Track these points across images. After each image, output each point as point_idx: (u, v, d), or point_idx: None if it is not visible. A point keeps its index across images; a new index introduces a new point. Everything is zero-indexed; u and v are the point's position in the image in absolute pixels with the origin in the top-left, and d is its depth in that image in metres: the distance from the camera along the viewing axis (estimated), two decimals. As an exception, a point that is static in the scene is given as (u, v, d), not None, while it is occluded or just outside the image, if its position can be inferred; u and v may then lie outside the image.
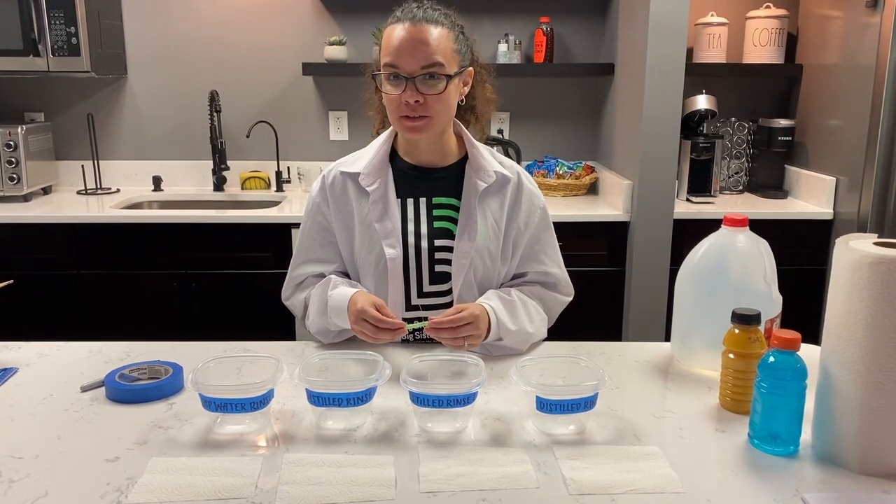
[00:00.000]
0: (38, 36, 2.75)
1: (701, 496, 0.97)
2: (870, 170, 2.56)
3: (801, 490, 0.98)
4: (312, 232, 1.56)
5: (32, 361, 1.40)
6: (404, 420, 1.17)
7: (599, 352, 1.47)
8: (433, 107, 1.40)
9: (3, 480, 0.99)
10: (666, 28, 2.56)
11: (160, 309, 2.76)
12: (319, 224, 1.55)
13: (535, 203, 1.57)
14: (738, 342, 1.19)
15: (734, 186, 3.23)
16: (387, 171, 1.51)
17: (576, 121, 3.32)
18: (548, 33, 3.09)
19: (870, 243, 1.02)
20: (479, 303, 1.41)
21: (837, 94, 2.80)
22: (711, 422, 1.18)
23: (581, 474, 1.02)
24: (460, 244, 1.48)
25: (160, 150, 3.27)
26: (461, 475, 1.01)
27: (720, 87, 3.10)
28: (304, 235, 1.57)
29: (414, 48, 1.37)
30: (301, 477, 1.00)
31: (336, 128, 3.27)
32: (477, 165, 1.51)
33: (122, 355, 1.43)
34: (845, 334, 1.02)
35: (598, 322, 2.82)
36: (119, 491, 0.97)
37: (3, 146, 2.85)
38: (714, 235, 1.37)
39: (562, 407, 1.11)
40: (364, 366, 1.22)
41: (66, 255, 2.72)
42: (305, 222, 1.57)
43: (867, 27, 2.58)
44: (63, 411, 1.20)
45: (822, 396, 1.07)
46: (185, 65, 3.20)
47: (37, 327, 2.72)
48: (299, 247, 1.58)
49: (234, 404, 1.11)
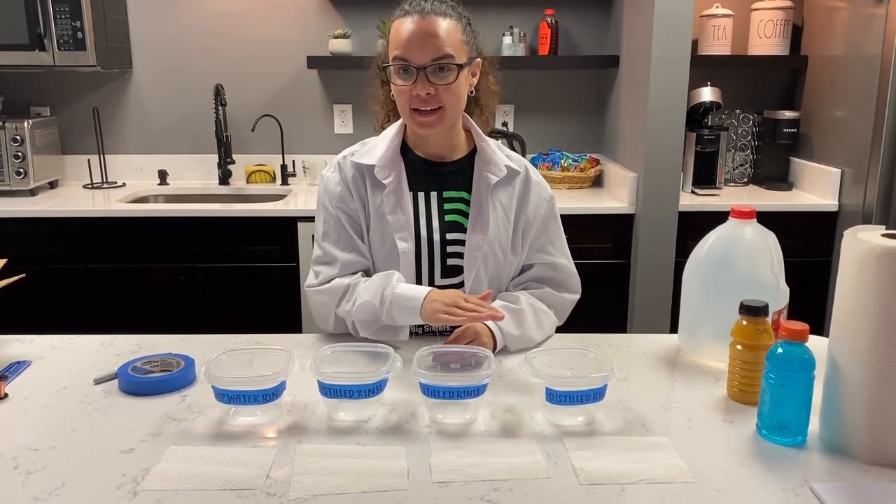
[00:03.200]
0: (44, 30, 2.76)
1: (710, 486, 0.98)
2: (875, 161, 2.56)
3: (810, 480, 0.99)
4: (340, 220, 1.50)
5: (45, 354, 1.41)
6: (415, 411, 1.18)
7: (607, 344, 1.48)
8: (445, 98, 1.41)
9: (21, 472, 1.00)
10: (671, 20, 2.56)
11: (167, 302, 2.77)
12: (345, 213, 1.50)
13: (543, 195, 1.58)
14: (746, 333, 1.19)
15: (739, 178, 3.23)
16: (400, 164, 1.51)
17: (580, 113, 3.32)
18: (552, 25, 3.09)
19: (878, 235, 1.03)
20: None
21: (843, 85, 2.80)
22: (719, 413, 1.19)
23: (591, 465, 1.03)
24: (472, 237, 1.49)
25: (166, 144, 3.28)
26: (472, 465, 1.02)
27: (725, 78, 3.09)
28: (328, 223, 1.51)
29: (424, 40, 1.38)
30: (314, 467, 1.01)
31: (341, 121, 3.28)
32: (487, 159, 1.52)
33: (133, 348, 1.44)
34: (853, 325, 1.02)
35: (604, 314, 2.83)
36: (135, 482, 0.98)
37: (9, 140, 2.86)
38: (721, 227, 1.38)
39: (571, 398, 1.12)
40: (375, 358, 1.23)
41: (72, 249, 2.73)
42: (328, 210, 1.51)
43: (873, 18, 2.57)
44: (77, 404, 1.21)
45: (830, 387, 1.08)
46: (190, 59, 3.21)
47: (45, 321, 2.73)
48: (325, 236, 1.51)
49: (247, 396, 1.12)
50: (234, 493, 0.96)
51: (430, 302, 1.36)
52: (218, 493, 0.96)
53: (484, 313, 1.31)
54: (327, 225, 1.52)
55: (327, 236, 1.52)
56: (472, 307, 1.32)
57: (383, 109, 1.60)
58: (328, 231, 1.52)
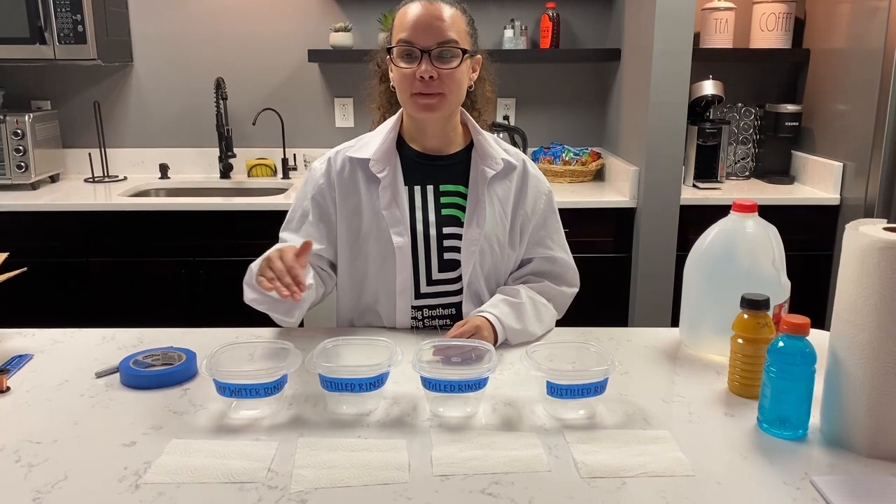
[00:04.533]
0: (45, 24, 2.75)
1: (710, 479, 0.98)
2: (877, 155, 2.56)
3: (810, 473, 0.99)
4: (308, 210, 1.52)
5: (46, 348, 1.41)
6: (416, 405, 1.18)
7: (608, 337, 1.48)
8: (447, 84, 1.41)
9: (23, 465, 1.01)
10: (673, 13, 2.55)
11: (168, 296, 2.78)
12: (318, 204, 1.52)
13: (541, 189, 1.58)
14: (748, 327, 1.19)
15: (741, 172, 3.23)
16: (395, 158, 1.51)
17: (582, 107, 3.32)
18: (554, 19, 3.08)
19: (879, 228, 1.03)
20: (481, 314, 1.42)
21: (845, 79, 2.79)
22: (720, 406, 1.19)
23: (592, 458, 1.03)
24: (469, 231, 1.49)
25: (166, 138, 3.28)
26: (473, 459, 1.02)
27: (727, 72, 3.09)
28: (296, 210, 1.54)
29: (430, 24, 1.39)
30: (315, 461, 1.02)
31: (342, 115, 3.27)
32: (483, 152, 1.52)
33: (134, 341, 1.44)
34: (854, 319, 1.02)
35: (605, 308, 2.83)
36: (137, 475, 0.98)
37: (10, 134, 2.86)
38: (723, 221, 1.38)
39: (572, 392, 1.12)
40: (376, 351, 1.23)
41: (74, 242, 2.73)
42: (302, 200, 1.54)
43: (875, 11, 2.56)
44: (79, 397, 1.21)
45: (831, 381, 1.08)
46: (191, 52, 3.20)
47: (46, 315, 2.73)
48: (287, 224, 1.55)
49: (249, 389, 1.12)
50: (235, 486, 0.96)
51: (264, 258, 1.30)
52: (219, 486, 0.96)
53: (282, 290, 1.22)
54: (293, 214, 1.55)
55: (290, 224, 1.55)
56: (279, 272, 1.23)
57: (379, 110, 1.61)
58: (292, 220, 1.55)
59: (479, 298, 1.52)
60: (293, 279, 1.24)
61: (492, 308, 1.43)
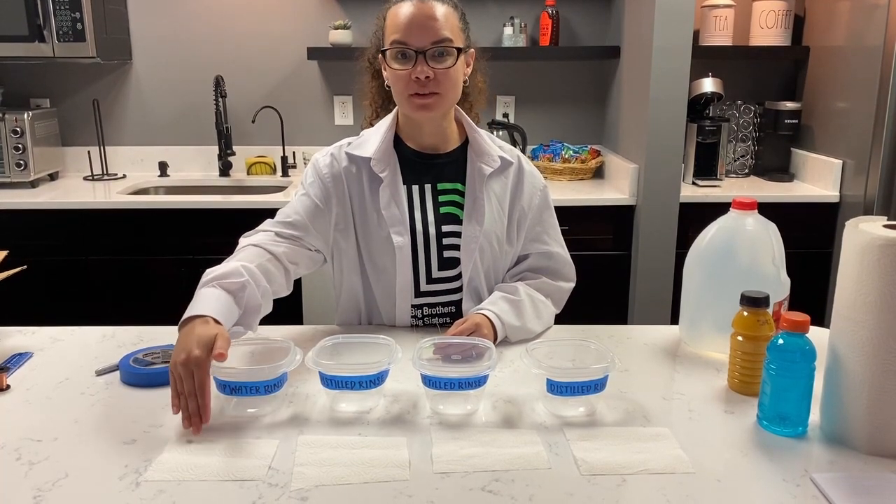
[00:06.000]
0: (44, 22, 2.75)
1: (710, 476, 0.98)
2: (877, 152, 2.56)
3: (810, 470, 0.99)
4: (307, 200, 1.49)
5: (47, 346, 1.41)
6: (416, 402, 1.18)
7: (608, 335, 1.48)
8: (443, 83, 1.40)
9: (24, 463, 1.01)
10: (672, 10, 2.55)
11: (168, 294, 2.77)
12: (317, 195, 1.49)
13: (536, 184, 1.58)
14: (747, 325, 1.19)
15: (740, 170, 3.23)
16: (394, 158, 1.51)
17: (581, 104, 3.32)
18: (553, 16, 3.08)
19: (879, 226, 1.03)
20: (480, 312, 1.42)
21: (844, 76, 2.79)
22: (720, 403, 1.20)
23: (592, 455, 1.03)
24: (468, 228, 1.49)
25: (166, 136, 3.28)
26: (473, 456, 1.03)
27: (727, 69, 3.09)
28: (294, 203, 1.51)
29: (423, 24, 1.38)
30: (316, 458, 1.02)
31: (341, 112, 3.27)
32: (479, 150, 1.52)
33: (134, 340, 1.44)
34: (854, 316, 1.02)
35: (604, 306, 2.83)
36: (137, 472, 0.98)
37: (9, 132, 2.86)
38: (723, 219, 1.38)
39: (572, 389, 1.13)
40: (376, 349, 1.23)
41: (73, 241, 2.73)
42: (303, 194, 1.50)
43: (875, 9, 2.56)
44: (79, 395, 1.21)
45: (831, 378, 1.08)
46: (190, 50, 3.20)
47: (46, 313, 2.73)
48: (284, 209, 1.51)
49: (249, 387, 1.12)
50: (236, 483, 0.96)
51: (184, 335, 1.16)
52: (220, 483, 0.96)
53: (185, 422, 1.08)
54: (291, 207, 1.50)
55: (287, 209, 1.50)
56: (188, 392, 1.08)
57: (371, 106, 1.60)
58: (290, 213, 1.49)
59: (479, 295, 1.52)
60: (201, 403, 1.09)
61: (491, 305, 1.44)
